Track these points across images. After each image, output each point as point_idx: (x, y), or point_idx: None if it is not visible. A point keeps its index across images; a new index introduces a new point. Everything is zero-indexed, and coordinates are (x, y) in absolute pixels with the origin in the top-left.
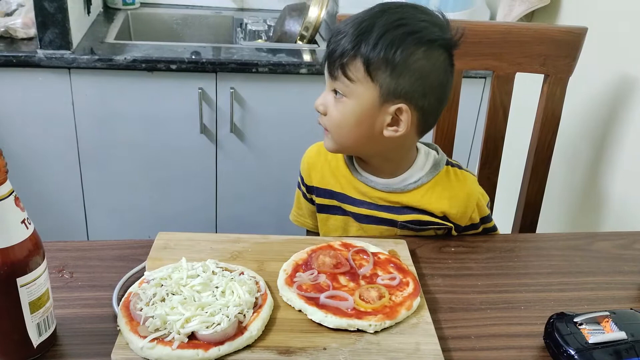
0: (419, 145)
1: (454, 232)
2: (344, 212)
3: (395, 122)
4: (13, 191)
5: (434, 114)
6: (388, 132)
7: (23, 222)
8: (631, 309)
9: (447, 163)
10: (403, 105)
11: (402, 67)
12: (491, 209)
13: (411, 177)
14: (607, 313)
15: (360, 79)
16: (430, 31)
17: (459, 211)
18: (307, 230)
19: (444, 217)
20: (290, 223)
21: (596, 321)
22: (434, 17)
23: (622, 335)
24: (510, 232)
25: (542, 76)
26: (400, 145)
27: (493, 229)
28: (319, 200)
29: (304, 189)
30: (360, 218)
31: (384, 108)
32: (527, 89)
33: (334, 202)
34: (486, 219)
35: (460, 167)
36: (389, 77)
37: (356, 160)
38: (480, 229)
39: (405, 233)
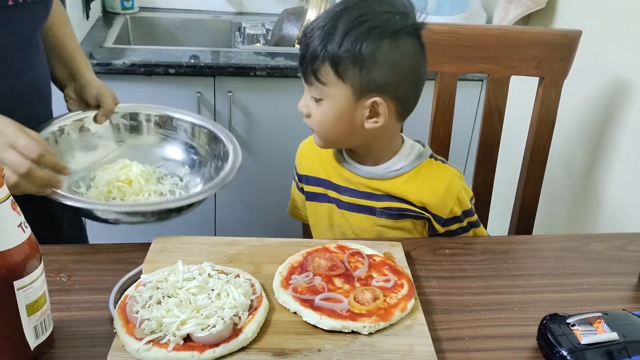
0: (405, 138)
1: (436, 226)
2: (329, 200)
3: (373, 114)
4: (10, 195)
5: (412, 98)
6: (369, 125)
7: (20, 225)
8: (623, 309)
9: (432, 157)
10: (377, 99)
11: (370, 62)
12: (487, 211)
13: (394, 165)
14: (600, 314)
15: (331, 82)
16: (392, 22)
17: (438, 202)
18: (303, 225)
19: (423, 208)
20: (289, 226)
21: (589, 322)
22: (397, 5)
23: (614, 336)
24: (506, 235)
25: (537, 79)
26: (382, 133)
27: (476, 224)
28: (307, 187)
29: (296, 178)
30: (342, 204)
31: (360, 103)
32: (522, 92)
33: (321, 190)
34: (468, 212)
35: (444, 162)
36: (359, 74)
37: (345, 149)
38: (464, 223)
39: (384, 222)
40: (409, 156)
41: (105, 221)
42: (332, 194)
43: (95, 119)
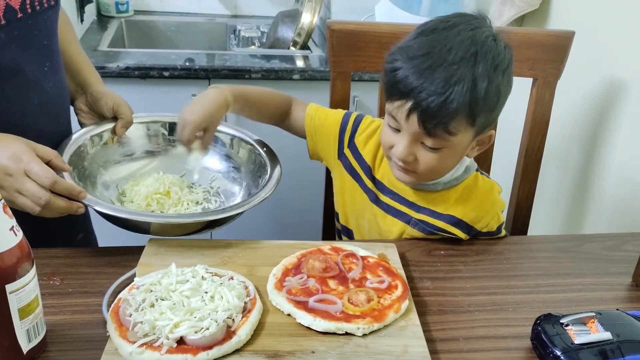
0: None
1: (462, 236)
2: (368, 190)
3: (480, 143)
4: (1, 198)
5: None
6: (472, 154)
7: (11, 229)
8: (617, 309)
9: (477, 170)
10: (493, 131)
11: (499, 103)
12: None
13: (443, 179)
14: (593, 314)
15: (461, 130)
16: (510, 56)
17: (479, 215)
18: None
19: (459, 224)
20: (285, 229)
21: (582, 322)
22: (499, 34)
23: (607, 335)
24: None
25: (530, 80)
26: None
27: (498, 233)
28: (352, 160)
29: (350, 128)
30: (379, 203)
31: (476, 139)
32: (516, 92)
33: (363, 175)
34: (501, 225)
35: (487, 176)
36: (486, 116)
37: None
38: (495, 236)
39: (413, 233)
40: (457, 170)
41: (136, 230)
42: (371, 186)
43: (114, 131)
